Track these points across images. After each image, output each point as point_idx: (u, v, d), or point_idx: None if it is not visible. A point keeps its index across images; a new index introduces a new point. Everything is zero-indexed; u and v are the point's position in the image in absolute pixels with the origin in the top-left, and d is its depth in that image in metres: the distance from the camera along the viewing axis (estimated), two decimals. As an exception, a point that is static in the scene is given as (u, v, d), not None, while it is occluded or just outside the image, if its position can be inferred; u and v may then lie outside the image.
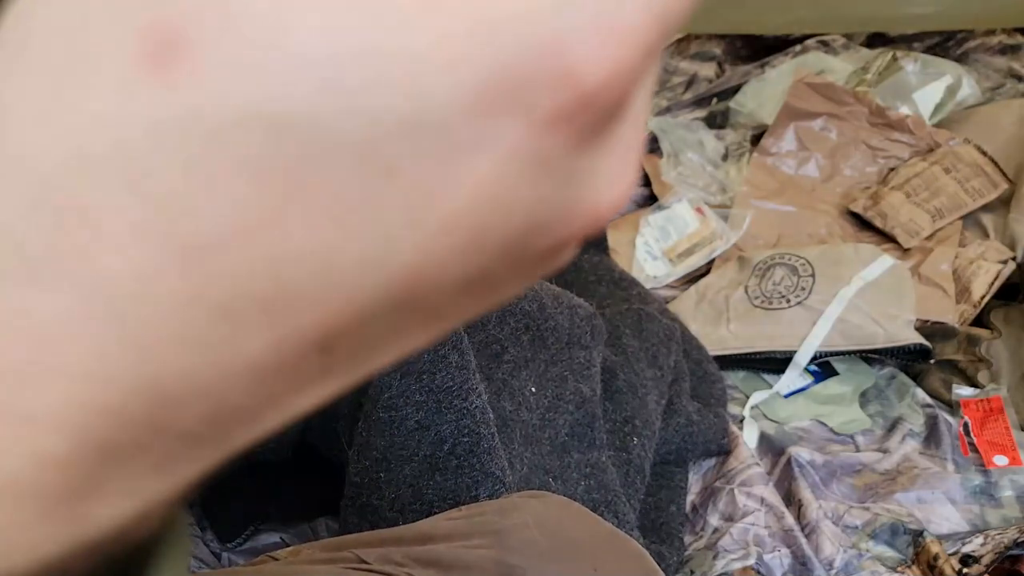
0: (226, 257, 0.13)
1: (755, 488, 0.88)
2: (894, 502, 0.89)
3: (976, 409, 1.00)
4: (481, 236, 0.14)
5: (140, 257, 0.13)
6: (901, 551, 0.85)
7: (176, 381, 0.14)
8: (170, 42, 0.12)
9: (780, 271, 1.11)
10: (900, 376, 1.05)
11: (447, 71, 0.12)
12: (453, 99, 0.12)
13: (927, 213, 1.21)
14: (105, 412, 0.14)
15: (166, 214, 0.13)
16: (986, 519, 0.89)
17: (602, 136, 0.14)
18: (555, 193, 0.14)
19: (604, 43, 0.12)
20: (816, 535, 0.85)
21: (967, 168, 1.24)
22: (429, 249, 0.14)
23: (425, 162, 0.13)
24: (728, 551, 0.83)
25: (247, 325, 0.14)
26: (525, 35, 0.12)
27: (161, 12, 0.12)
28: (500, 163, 0.13)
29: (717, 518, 0.87)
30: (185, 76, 0.12)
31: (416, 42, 0.12)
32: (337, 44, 0.12)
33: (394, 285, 0.14)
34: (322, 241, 0.13)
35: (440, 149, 0.13)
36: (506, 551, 0.39)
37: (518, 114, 0.13)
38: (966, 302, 1.11)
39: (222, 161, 0.12)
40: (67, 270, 0.13)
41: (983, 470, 0.92)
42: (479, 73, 0.12)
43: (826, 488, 0.90)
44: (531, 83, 0.12)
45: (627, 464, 0.81)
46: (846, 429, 0.99)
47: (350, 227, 0.13)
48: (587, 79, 0.13)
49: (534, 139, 0.13)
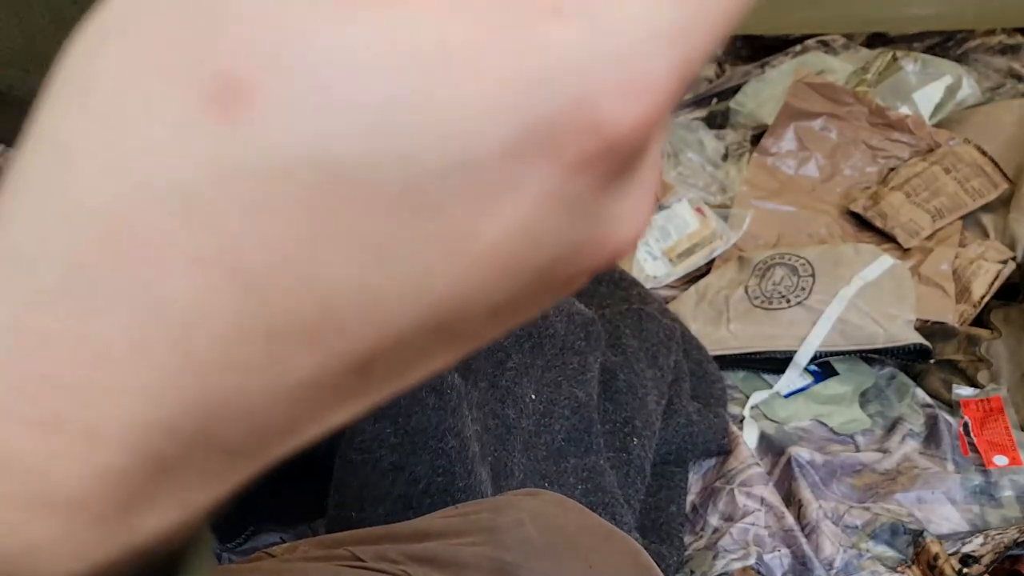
0: (279, 287, 0.14)
1: (755, 488, 0.87)
2: (894, 502, 0.89)
3: (976, 409, 0.99)
4: (513, 267, 0.15)
5: (200, 286, 0.14)
6: (901, 551, 0.85)
7: (227, 400, 0.15)
8: (231, 87, 0.13)
9: (780, 271, 1.11)
10: (900, 376, 1.05)
11: (489, 120, 0.13)
12: (493, 145, 0.13)
13: (927, 213, 1.21)
14: (161, 429, 0.15)
15: (224, 246, 0.14)
16: (986, 519, 0.89)
17: (623, 178, 0.15)
18: (580, 229, 0.15)
19: (630, 97, 0.14)
20: (816, 535, 0.85)
21: (967, 168, 1.24)
22: (465, 280, 0.15)
23: (465, 201, 0.14)
24: (728, 551, 0.83)
25: (294, 349, 0.15)
26: (559, 89, 0.13)
27: (223, 58, 0.13)
28: (532, 202, 0.14)
29: (717, 518, 0.87)
30: (245, 119, 0.13)
31: (462, 93, 0.13)
32: (387, 93, 0.13)
33: (430, 313, 0.15)
34: (366, 273, 0.14)
35: (479, 190, 0.14)
36: (501, 548, 0.39)
37: (550, 159, 0.14)
38: (966, 302, 1.11)
39: (277, 199, 0.14)
40: (131, 297, 0.14)
41: (983, 470, 0.92)
42: (517, 122, 0.13)
43: (826, 488, 0.90)
44: (562, 132, 0.14)
45: (627, 464, 0.81)
46: (846, 429, 0.99)
47: (392, 261, 0.14)
48: (613, 129, 0.14)
49: (563, 181, 0.14)
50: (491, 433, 0.64)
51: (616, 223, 0.16)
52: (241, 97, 0.13)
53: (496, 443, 0.64)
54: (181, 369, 0.14)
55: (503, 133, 0.13)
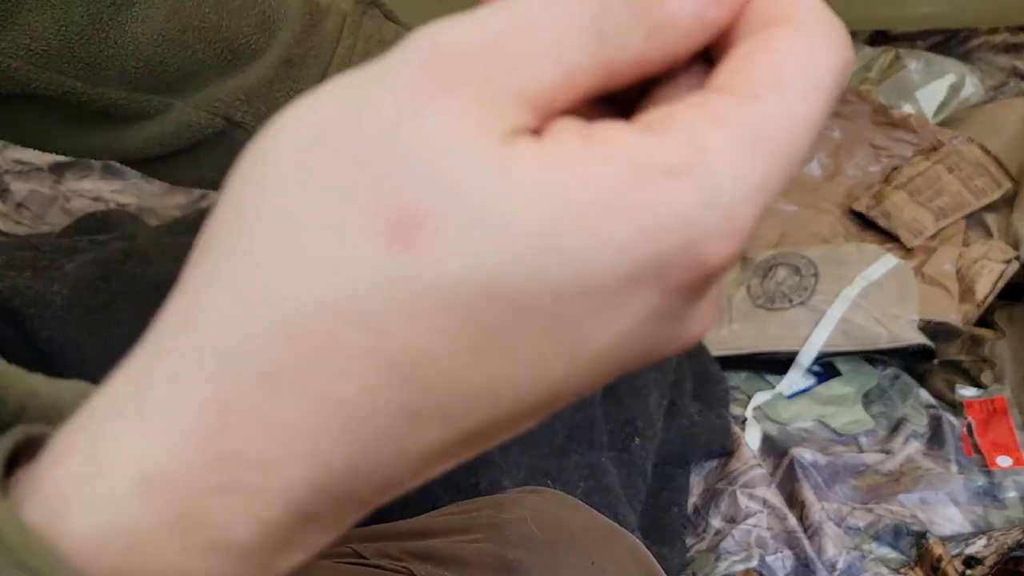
0: (433, 384, 0.18)
1: (757, 489, 0.88)
2: (897, 503, 0.89)
3: (980, 410, 0.99)
4: (612, 363, 0.19)
5: (370, 380, 0.17)
6: (904, 553, 0.85)
7: (371, 466, 0.18)
8: (411, 222, 0.17)
9: (783, 271, 1.10)
10: (903, 377, 1.05)
11: (614, 257, 0.17)
12: (615, 276, 0.17)
13: (930, 212, 1.20)
14: (319, 491, 0.18)
15: (390, 352, 0.17)
16: (989, 520, 0.88)
17: (705, 292, 0.19)
18: (669, 331, 0.19)
19: (729, 239, 0.17)
20: (819, 537, 0.85)
21: (970, 167, 1.24)
22: (574, 374, 0.18)
23: (587, 316, 0.17)
24: (730, 553, 0.83)
25: (429, 427, 0.18)
26: (675, 234, 0.17)
27: (410, 201, 0.17)
28: (636, 316, 0.18)
29: (719, 520, 0.87)
30: (426, 253, 0.17)
31: (595, 237, 0.17)
32: (540, 235, 0.17)
33: (542, 400, 0.19)
34: (501, 372, 0.18)
35: (597, 308, 0.17)
36: (503, 545, 0.40)
37: (656, 285, 0.17)
38: (969, 302, 1.10)
39: (445, 317, 0.17)
40: (311, 386, 0.17)
41: (987, 471, 0.92)
42: (637, 259, 0.17)
43: (829, 489, 0.90)
44: (670, 266, 0.17)
45: (628, 465, 0.81)
46: (849, 430, 0.98)
47: (521, 361, 0.18)
48: (712, 264, 0.17)
49: (663, 301, 0.18)
50: None
51: (695, 323, 0.20)
52: (421, 233, 0.17)
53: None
54: (343, 444, 0.18)
55: (626, 266, 0.17)
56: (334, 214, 0.17)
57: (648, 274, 0.17)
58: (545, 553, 0.40)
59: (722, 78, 0.18)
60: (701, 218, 0.17)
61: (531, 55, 0.17)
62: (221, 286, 0.18)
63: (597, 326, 0.18)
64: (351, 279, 0.17)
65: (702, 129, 0.17)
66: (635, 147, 0.17)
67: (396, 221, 0.17)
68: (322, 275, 0.17)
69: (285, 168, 0.18)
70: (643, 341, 0.19)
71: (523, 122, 0.18)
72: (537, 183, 0.17)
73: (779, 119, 0.18)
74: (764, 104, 0.18)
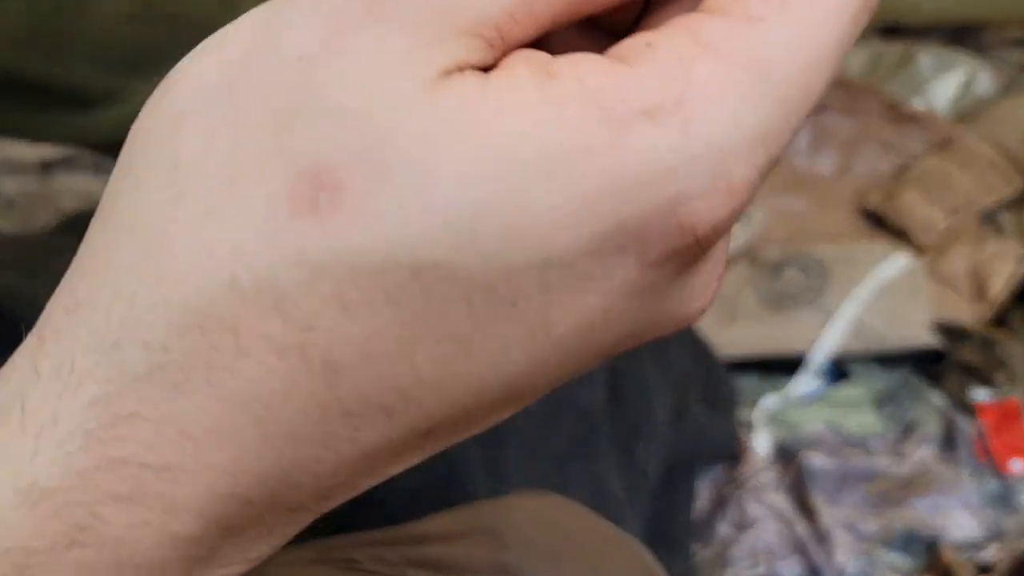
0: (360, 376, 0.15)
1: (765, 495, 0.88)
2: (908, 509, 0.88)
3: (992, 412, 0.99)
4: (583, 349, 0.16)
5: (282, 371, 0.15)
6: (915, 558, 0.85)
7: (300, 469, 0.16)
8: (325, 186, 0.14)
9: (791, 270, 1.10)
10: (914, 379, 1.04)
11: (575, 223, 0.14)
12: (578, 245, 0.14)
13: (942, 210, 1.20)
14: (236, 499, 0.16)
15: (308, 340, 0.15)
16: (1002, 526, 0.88)
17: (699, 262, 0.16)
18: (652, 310, 0.16)
19: (720, 197, 0.14)
20: (828, 543, 0.84)
21: (983, 164, 1.23)
22: (537, 363, 0.16)
23: (543, 294, 0.15)
24: (738, 560, 0.83)
25: (369, 424, 0.16)
26: (650, 192, 0.14)
27: (319, 158, 0.14)
28: (610, 293, 0.15)
29: (726, 526, 0.87)
30: (337, 220, 0.14)
31: (548, 198, 0.14)
32: (477, 198, 0.14)
33: (501, 390, 0.16)
34: (445, 360, 0.15)
35: (559, 284, 0.15)
36: (503, 550, 0.39)
37: (632, 255, 0.15)
38: (982, 301, 1.10)
39: (363, 295, 0.15)
40: (214, 380, 0.15)
41: (999, 475, 0.92)
42: (603, 225, 0.14)
43: (838, 495, 0.90)
44: (650, 231, 0.14)
45: (632, 471, 0.80)
46: (859, 433, 0.98)
47: (471, 349, 0.15)
48: (703, 227, 0.15)
49: (643, 274, 0.15)
50: (495, 436, 0.63)
51: (687, 299, 0.17)
52: (331, 196, 0.14)
53: (498, 447, 0.64)
54: (259, 446, 0.16)
55: (590, 233, 0.14)
56: (237, 175, 0.15)
57: (621, 242, 0.14)
58: (546, 559, 0.39)
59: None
60: (686, 172, 0.14)
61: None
62: (111, 262, 0.16)
63: (561, 306, 0.15)
64: (255, 253, 0.15)
65: (688, 59, 0.14)
66: (602, 83, 0.14)
67: (304, 182, 0.14)
68: (223, 250, 0.15)
69: (184, 118, 0.16)
70: (622, 321, 0.16)
71: (468, 57, 0.15)
72: (475, 132, 0.14)
73: (787, 46, 0.14)
74: (768, 27, 0.14)
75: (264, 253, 0.15)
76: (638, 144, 0.14)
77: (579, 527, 0.43)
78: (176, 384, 0.15)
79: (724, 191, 0.14)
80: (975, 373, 1.05)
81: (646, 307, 0.16)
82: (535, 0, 0.15)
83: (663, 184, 0.14)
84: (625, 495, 0.78)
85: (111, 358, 0.16)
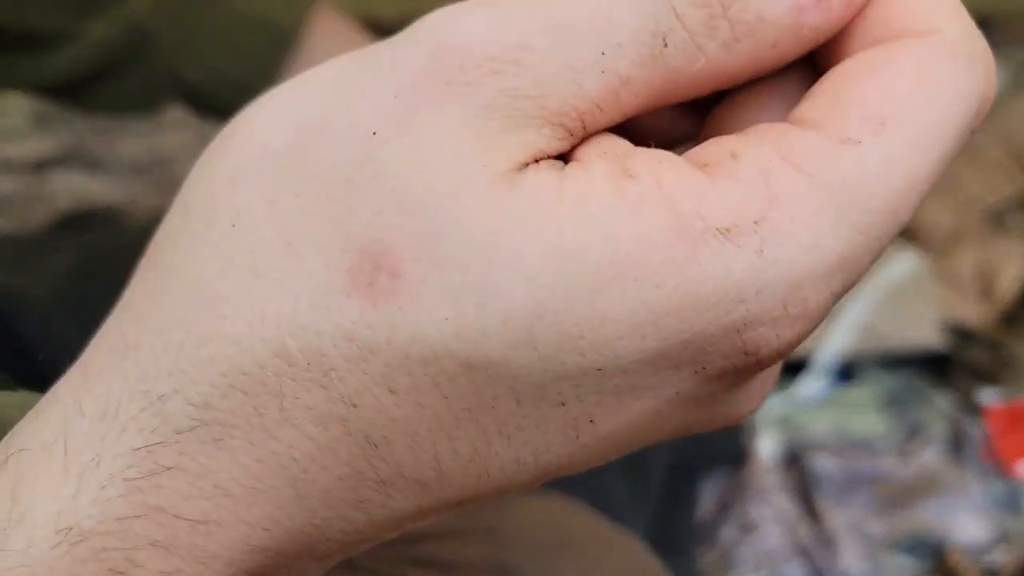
0: (398, 451, 0.15)
1: (770, 498, 0.88)
2: (914, 511, 0.88)
3: (999, 414, 0.98)
4: (629, 443, 0.16)
5: (322, 440, 0.15)
6: (922, 562, 0.84)
7: (332, 527, 0.17)
8: (384, 268, 0.14)
9: (796, 270, 1.10)
10: (921, 380, 1.03)
11: (638, 336, 0.14)
12: (637, 358, 0.14)
13: (948, 209, 1.19)
14: (267, 552, 0.17)
15: (351, 411, 0.15)
16: (1009, 528, 0.88)
17: (753, 378, 0.16)
18: (703, 413, 0.16)
19: (789, 325, 0.14)
20: (834, 546, 0.84)
21: (989, 163, 1.22)
22: (579, 452, 0.16)
23: (596, 396, 0.15)
24: (742, 563, 0.83)
25: (402, 494, 0.16)
26: (720, 312, 0.13)
27: (381, 238, 0.14)
28: (662, 400, 0.15)
29: (731, 529, 0.87)
30: (392, 303, 0.14)
31: (614, 308, 0.13)
32: (540, 299, 0.13)
33: (537, 473, 0.16)
34: (485, 445, 0.15)
35: (611, 389, 0.14)
36: (502, 548, 0.39)
37: (690, 369, 0.14)
38: (989, 301, 1.09)
39: (412, 381, 0.14)
40: (255, 440, 0.15)
41: (1006, 478, 0.91)
42: (667, 340, 0.14)
43: (844, 497, 0.90)
44: (710, 350, 0.14)
45: (637, 475, 0.80)
46: (865, 435, 0.97)
47: (513, 439, 0.15)
48: (763, 351, 0.14)
49: (699, 387, 0.15)
50: None
51: (738, 404, 0.17)
52: (388, 278, 0.14)
53: None
54: (294, 505, 0.16)
55: (652, 347, 0.14)
56: (296, 241, 0.15)
57: (681, 357, 0.14)
58: (545, 557, 0.39)
59: (812, 106, 0.14)
60: (757, 296, 0.14)
61: (566, 63, 0.14)
62: (161, 308, 0.16)
63: (610, 409, 0.15)
64: (306, 322, 0.15)
65: (773, 175, 0.13)
66: (681, 192, 0.13)
67: (363, 260, 0.14)
68: (273, 315, 0.15)
69: (247, 176, 0.15)
70: (670, 422, 0.16)
71: (545, 146, 0.14)
72: (545, 231, 0.13)
73: (879, 175, 0.14)
74: (863, 151, 0.14)
75: (315, 323, 0.15)
76: (712, 262, 0.13)
77: (578, 526, 0.43)
78: (217, 441, 0.16)
79: (795, 317, 0.14)
80: (982, 374, 1.05)
81: (696, 412, 0.16)
82: (623, 90, 0.14)
83: (732, 306, 0.14)
84: (629, 499, 0.78)
85: (157, 409, 0.16)
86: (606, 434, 0.16)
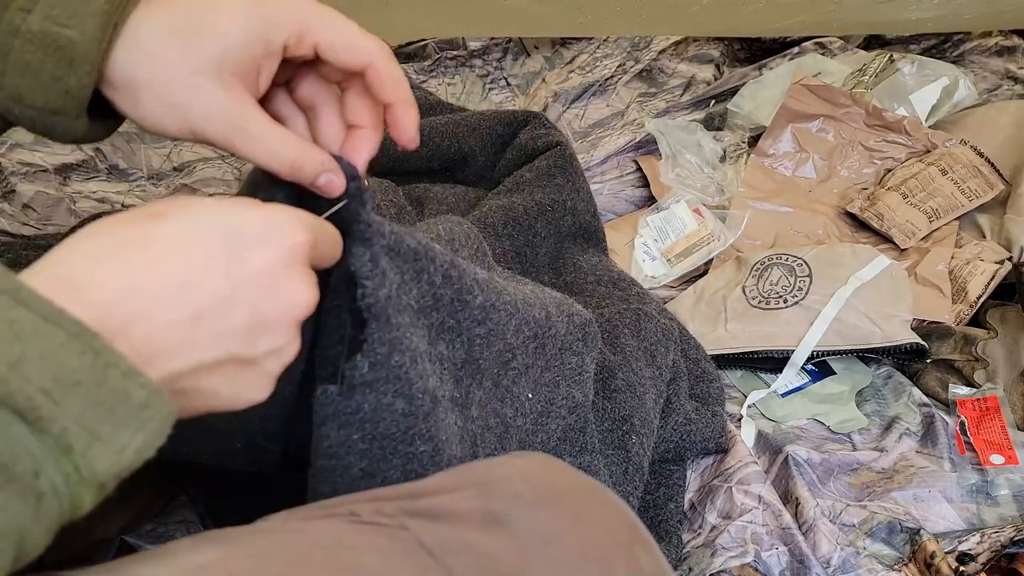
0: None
1: (753, 486, 0.87)
2: (891, 500, 0.89)
3: (972, 408, 1.00)
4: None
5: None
6: (898, 549, 0.85)
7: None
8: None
9: (777, 271, 1.11)
10: (897, 375, 1.05)
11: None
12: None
13: (924, 214, 1.21)
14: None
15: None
16: (983, 517, 0.89)
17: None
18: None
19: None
20: (813, 533, 0.85)
21: (963, 169, 1.25)
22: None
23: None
24: (726, 549, 0.83)
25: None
26: None
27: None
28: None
29: (715, 516, 0.87)
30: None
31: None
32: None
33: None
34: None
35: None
36: (491, 499, 0.41)
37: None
38: (962, 302, 1.11)
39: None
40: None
41: (979, 469, 0.92)
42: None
43: (823, 486, 0.90)
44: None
45: (625, 462, 0.81)
46: (843, 428, 0.99)
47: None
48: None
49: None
50: (491, 432, 0.64)
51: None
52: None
53: (495, 442, 0.65)
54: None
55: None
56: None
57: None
58: (531, 506, 0.40)
59: None
60: None
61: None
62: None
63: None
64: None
65: None
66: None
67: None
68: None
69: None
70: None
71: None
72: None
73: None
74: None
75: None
76: None
77: (563, 480, 0.44)
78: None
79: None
80: (955, 370, 1.07)
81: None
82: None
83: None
84: (618, 486, 0.79)
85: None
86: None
